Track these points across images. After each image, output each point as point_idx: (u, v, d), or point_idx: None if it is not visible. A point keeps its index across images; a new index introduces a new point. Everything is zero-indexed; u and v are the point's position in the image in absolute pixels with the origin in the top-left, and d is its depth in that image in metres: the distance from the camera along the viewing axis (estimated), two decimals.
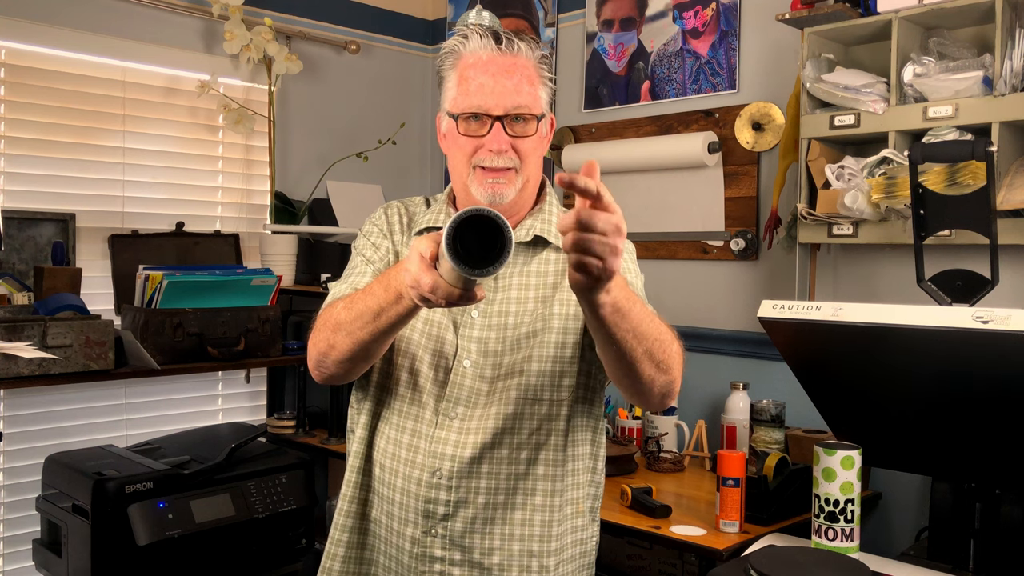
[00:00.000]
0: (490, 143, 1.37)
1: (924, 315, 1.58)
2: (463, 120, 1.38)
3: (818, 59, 2.24)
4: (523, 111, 1.38)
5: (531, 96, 1.38)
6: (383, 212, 1.58)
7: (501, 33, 1.40)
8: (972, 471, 1.71)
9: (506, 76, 1.37)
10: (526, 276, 1.47)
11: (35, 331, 2.21)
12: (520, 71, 1.38)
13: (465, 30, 1.41)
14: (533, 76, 1.40)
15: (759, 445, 2.31)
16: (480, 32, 1.40)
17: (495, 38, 1.39)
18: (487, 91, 1.36)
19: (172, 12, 2.83)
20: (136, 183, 2.79)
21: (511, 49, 1.39)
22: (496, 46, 1.39)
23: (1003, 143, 1.94)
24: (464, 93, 1.38)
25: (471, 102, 1.37)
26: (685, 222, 2.75)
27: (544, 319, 1.44)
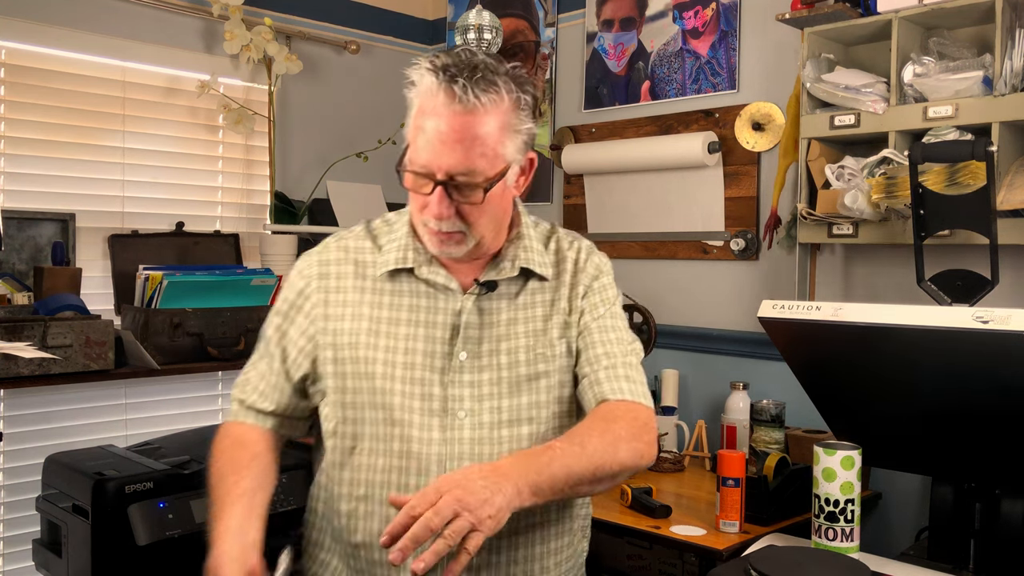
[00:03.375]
0: (431, 209, 1.25)
1: (924, 315, 1.58)
2: (410, 174, 1.26)
3: (818, 59, 2.24)
4: (470, 178, 1.23)
5: (487, 158, 1.22)
6: (314, 262, 1.41)
7: (464, 82, 1.20)
8: (972, 471, 1.71)
9: (457, 136, 1.20)
10: (514, 310, 1.37)
11: (35, 331, 2.21)
12: (478, 128, 1.21)
13: (429, 64, 1.23)
14: (497, 132, 1.23)
15: (759, 445, 2.31)
16: (441, 73, 1.21)
17: (455, 82, 1.20)
18: (434, 150, 1.22)
19: (172, 12, 2.83)
20: (136, 183, 2.79)
21: (471, 102, 1.20)
22: (453, 99, 1.20)
23: (1003, 143, 1.94)
24: (413, 146, 1.25)
25: (417, 158, 1.24)
26: (685, 222, 2.75)
27: (546, 360, 1.37)
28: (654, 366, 2.70)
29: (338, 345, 1.35)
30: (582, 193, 3.00)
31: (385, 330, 1.34)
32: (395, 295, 1.36)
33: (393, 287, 1.36)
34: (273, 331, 1.41)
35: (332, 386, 1.35)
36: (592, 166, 2.92)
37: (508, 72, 1.25)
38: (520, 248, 1.38)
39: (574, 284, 1.41)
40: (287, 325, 1.39)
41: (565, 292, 1.41)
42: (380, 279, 1.36)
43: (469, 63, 1.22)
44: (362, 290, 1.36)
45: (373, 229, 1.43)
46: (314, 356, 1.37)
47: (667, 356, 2.74)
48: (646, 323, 2.50)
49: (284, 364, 1.38)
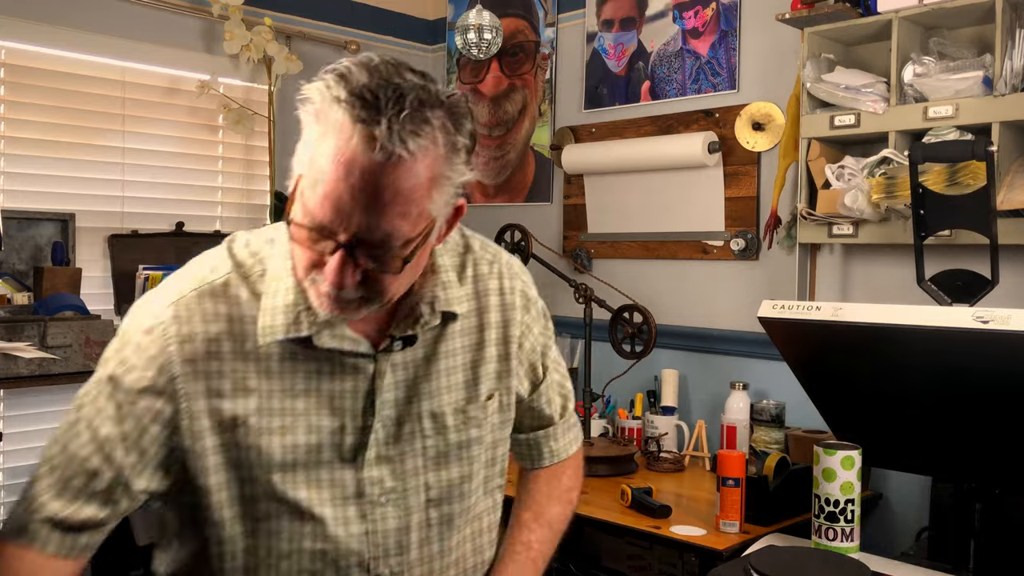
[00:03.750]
0: (329, 275, 0.95)
1: (924, 315, 1.58)
2: (300, 228, 0.96)
3: (818, 59, 2.24)
4: (386, 243, 0.94)
5: (410, 219, 0.93)
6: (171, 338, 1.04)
7: (388, 123, 0.89)
8: (972, 471, 1.71)
9: (373, 192, 0.90)
10: (436, 363, 1.14)
11: (35, 331, 2.21)
12: (402, 182, 0.91)
13: (339, 87, 0.93)
14: (425, 185, 0.93)
15: (759, 445, 2.31)
16: (356, 106, 0.90)
17: (376, 123, 0.89)
18: (339, 207, 0.91)
19: (172, 12, 2.83)
20: (136, 183, 2.79)
21: (395, 152, 0.89)
22: (371, 146, 0.89)
23: (1003, 143, 1.94)
24: (309, 191, 0.94)
25: (313, 210, 0.93)
26: (685, 222, 2.75)
27: (478, 423, 1.18)
28: (654, 366, 2.70)
29: (220, 436, 1.05)
30: (582, 193, 3.00)
31: (279, 408, 1.06)
32: (288, 362, 1.06)
33: (284, 351, 1.06)
34: (96, 448, 1.04)
35: (215, 484, 1.05)
36: (592, 166, 2.92)
37: (444, 103, 0.95)
38: (438, 287, 1.12)
39: (505, 323, 1.21)
40: (132, 431, 1.04)
41: (494, 335, 1.20)
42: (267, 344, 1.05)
43: (394, 90, 0.91)
44: (244, 360, 1.05)
45: (245, 270, 1.08)
46: (174, 463, 1.06)
47: (667, 356, 2.74)
48: (646, 323, 2.50)
49: (118, 480, 1.04)
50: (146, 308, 1.08)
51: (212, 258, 1.11)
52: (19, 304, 2.38)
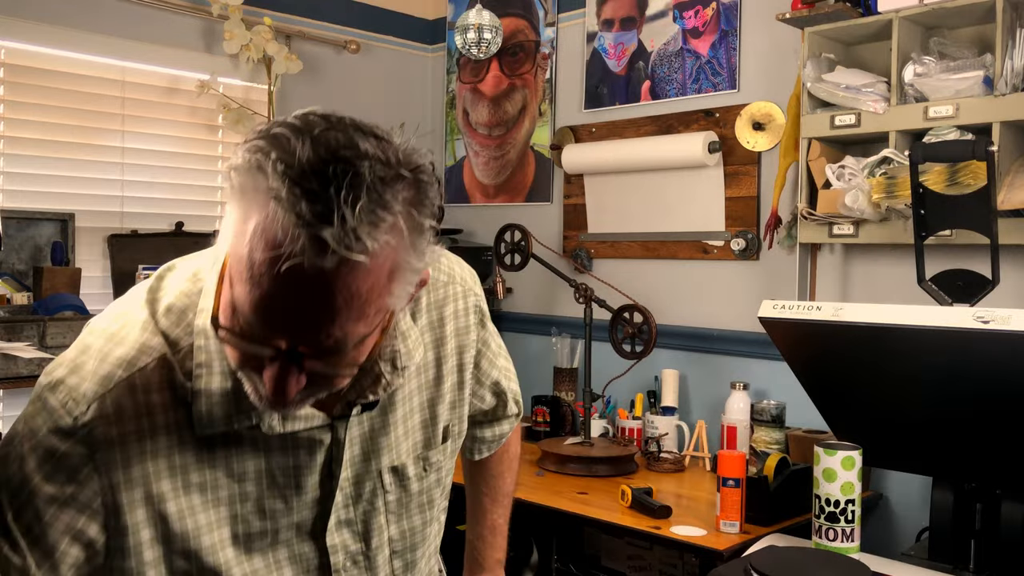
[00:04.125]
0: (268, 384, 0.81)
1: (925, 315, 1.58)
2: (232, 337, 0.80)
3: (818, 59, 2.24)
4: (338, 347, 0.79)
5: (366, 319, 0.79)
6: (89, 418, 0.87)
7: (340, 223, 0.72)
8: (972, 471, 1.71)
9: (323, 300, 0.75)
10: (393, 412, 1.03)
11: (34, 331, 2.21)
12: (358, 285, 0.76)
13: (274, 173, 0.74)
14: (384, 281, 0.78)
15: (759, 445, 2.31)
16: (300, 200, 0.73)
17: (325, 224, 0.72)
18: (281, 318, 0.77)
19: (172, 12, 2.83)
20: (135, 183, 2.78)
21: (349, 258, 0.73)
22: (321, 253, 0.73)
23: (1004, 143, 1.94)
24: (239, 293, 0.77)
25: (248, 319, 0.78)
26: (685, 222, 2.75)
27: (438, 468, 1.11)
28: (654, 366, 2.70)
29: (164, 544, 0.90)
30: (582, 193, 3.00)
31: (227, 496, 0.93)
32: (234, 446, 0.92)
33: (228, 434, 0.92)
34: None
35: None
36: (592, 166, 2.92)
37: (407, 176, 0.78)
38: (397, 339, 0.97)
39: (461, 349, 1.12)
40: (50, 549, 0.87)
41: (451, 363, 1.11)
42: None
43: (345, 168, 0.74)
44: (183, 451, 0.90)
45: (171, 338, 0.90)
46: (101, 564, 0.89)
47: (667, 356, 2.74)
48: (646, 323, 2.50)
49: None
50: (64, 397, 0.87)
51: (137, 329, 0.91)
52: (19, 304, 2.38)
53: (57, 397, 0.88)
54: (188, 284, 0.93)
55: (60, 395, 0.88)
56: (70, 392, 0.88)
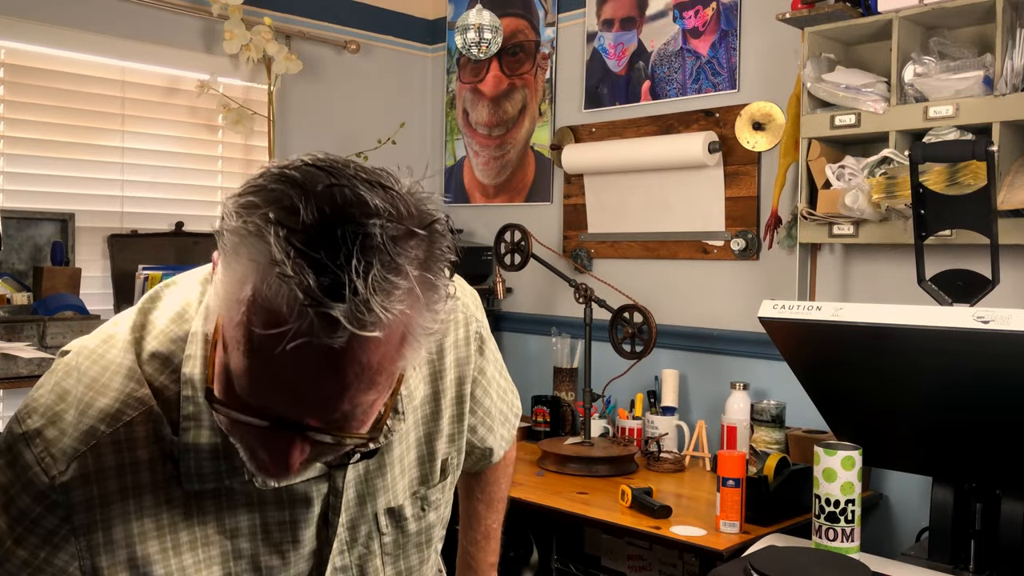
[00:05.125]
0: (271, 457, 0.76)
1: (925, 315, 1.58)
2: (235, 413, 0.74)
3: (818, 59, 2.24)
4: (347, 418, 0.75)
5: (378, 388, 0.74)
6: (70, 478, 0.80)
7: (352, 298, 0.66)
8: (972, 471, 1.71)
9: (333, 375, 0.70)
10: (391, 452, 0.98)
11: (34, 331, 2.21)
12: (369, 356, 0.70)
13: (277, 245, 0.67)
14: (396, 349, 0.72)
15: (759, 445, 2.31)
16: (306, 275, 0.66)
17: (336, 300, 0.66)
18: (287, 398, 0.72)
19: (172, 12, 2.83)
20: (135, 183, 2.79)
21: (360, 333, 0.67)
22: (331, 329, 0.67)
23: (1004, 143, 1.94)
24: (251, 377, 0.71)
25: (248, 396, 0.73)
26: (685, 222, 2.75)
27: (436, 506, 1.06)
28: (654, 366, 2.70)
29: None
30: (582, 193, 3.00)
31: (220, 553, 0.87)
32: (225, 499, 0.87)
33: (219, 488, 0.86)
34: None
35: None
36: (592, 166, 2.92)
37: (421, 232, 0.72)
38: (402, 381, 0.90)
39: (460, 380, 1.05)
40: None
41: (450, 396, 1.04)
42: None
43: (354, 231, 0.67)
44: (171, 509, 0.84)
45: (156, 386, 0.84)
46: None
47: (667, 356, 2.74)
48: (646, 323, 2.50)
49: None
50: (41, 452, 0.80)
51: (121, 376, 0.83)
52: (18, 304, 2.38)
53: (33, 451, 0.80)
54: (173, 326, 0.86)
55: (36, 449, 0.80)
56: (47, 447, 0.80)
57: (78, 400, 0.83)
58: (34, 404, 0.83)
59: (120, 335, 0.86)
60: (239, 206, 0.71)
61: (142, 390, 0.83)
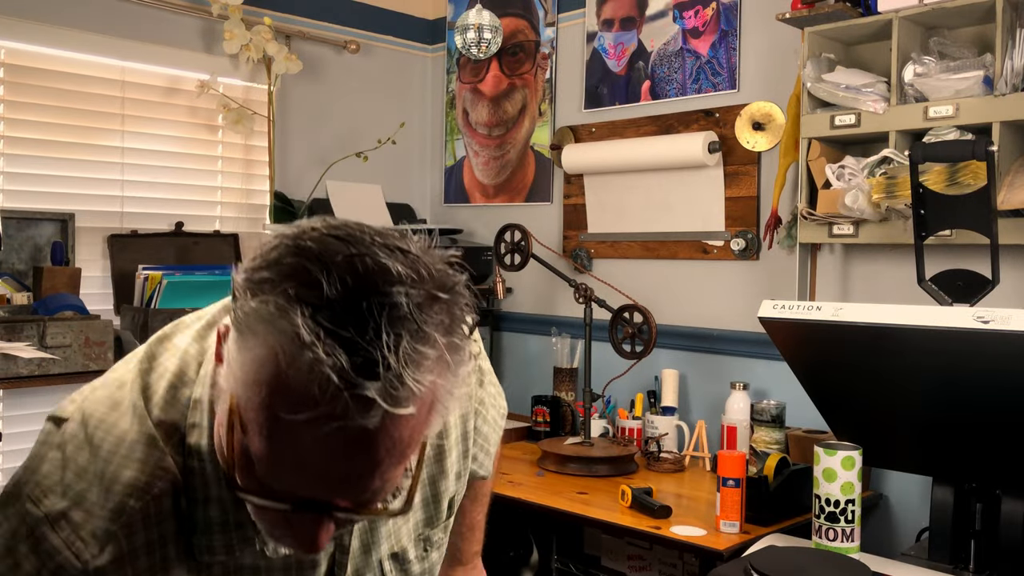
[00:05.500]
0: (298, 540, 0.74)
1: (925, 315, 1.58)
2: (259, 499, 0.72)
3: (818, 59, 2.24)
4: (373, 496, 0.73)
5: (406, 459, 0.72)
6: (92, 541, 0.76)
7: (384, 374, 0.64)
8: (972, 471, 1.71)
9: (364, 459, 0.68)
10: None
11: (34, 331, 2.20)
12: (400, 431, 0.68)
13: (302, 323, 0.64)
14: (424, 418, 0.71)
15: (759, 445, 2.31)
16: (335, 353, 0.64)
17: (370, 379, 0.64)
18: (317, 483, 0.69)
19: (172, 12, 2.83)
20: (135, 183, 2.78)
21: (392, 410, 0.66)
22: (364, 410, 0.65)
23: (1004, 143, 1.94)
24: (275, 461, 0.69)
25: (273, 481, 0.70)
26: (685, 222, 2.75)
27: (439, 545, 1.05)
28: (654, 366, 2.70)
29: None
30: (582, 193, 3.00)
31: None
32: (232, 568, 0.85)
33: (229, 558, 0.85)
34: None
35: None
36: (592, 166, 2.92)
37: (445, 298, 0.70)
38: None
39: (465, 417, 1.04)
40: None
41: (454, 434, 1.03)
42: None
43: (381, 303, 0.65)
44: (188, 571, 0.82)
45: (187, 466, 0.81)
46: None
47: (667, 356, 2.74)
48: (646, 323, 2.50)
49: None
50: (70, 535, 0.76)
51: (143, 444, 0.80)
52: (18, 304, 2.38)
53: (59, 535, 0.76)
54: (174, 391, 0.82)
55: (63, 533, 0.76)
56: (76, 530, 0.76)
57: (99, 475, 0.78)
58: (46, 482, 0.79)
59: (127, 401, 0.82)
60: (253, 283, 0.68)
61: (166, 460, 0.79)
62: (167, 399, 0.82)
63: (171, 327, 0.89)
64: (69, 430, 0.82)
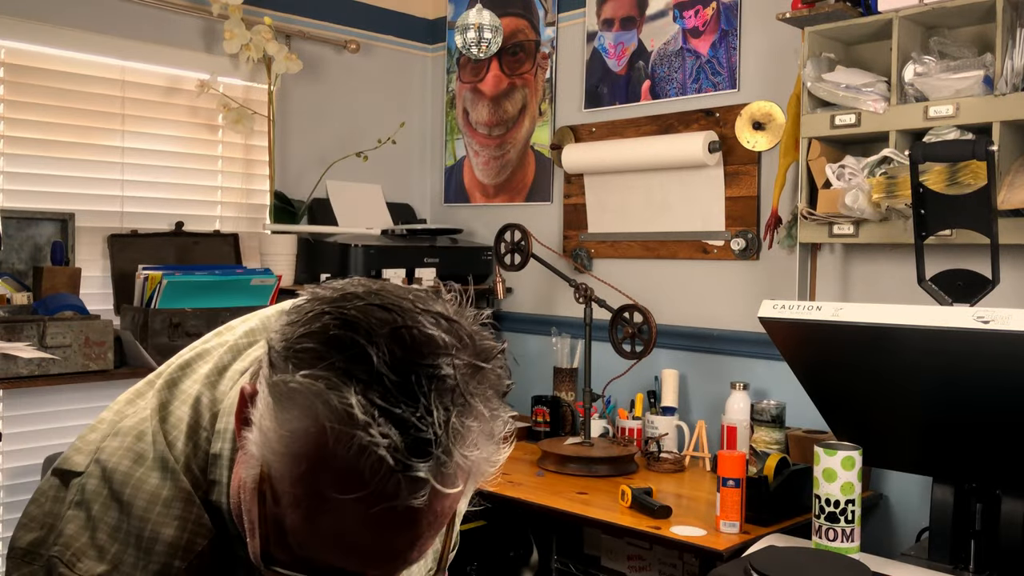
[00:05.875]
0: None
1: (925, 315, 1.58)
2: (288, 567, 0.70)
3: (819, 58, 2.24)
4: (411, 565, 0.72)
5: (444, 525, 0.72)
6: None
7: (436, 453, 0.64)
8: (972, 471, 1.71)
9: (409, 535, 0.68)
10: None
11: (34, 331, 2.20)
12: (443, 507, 0.69)
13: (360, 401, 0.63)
14: (465, 488, 0.70)
15: (759, 445, 2.31)
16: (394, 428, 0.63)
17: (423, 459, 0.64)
18: (364, 560, 0.68)
19: (172, 12, 2.82)
20: (135, 183, 2.78)
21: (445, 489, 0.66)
22: (414, 488, 0.64)
23: (1004, 142, 1.94)
24: (304, 532, 0.68)
25: (315, 558, 0.69)
26: (685, 222, 2.75)
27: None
28: (654, 366, 2.70)
29: None
30: (582, 193, 3.00)
31: None
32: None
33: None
34: None
35: None
36: (592, 166, 2.92)
37: (484, 368, 0.70)
38: None
39: None
40: None
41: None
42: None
43: (429, 375, 0.65)
44: None
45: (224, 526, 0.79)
46: None
47: (667, 356, 2.74)
48: (646, 323, 2.50)
49: None
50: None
51: (180, 501, 0.77)
52: (18, 304, 2.38)
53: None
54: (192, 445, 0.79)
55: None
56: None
57: (135, 535, 0.75)
58: (75, 544, 0.75)
59: (152, 454, 0.79)
60: (296, 352, 0.66)
61: (204, 516, 0.76)
62: (188, 454, 0.79)
63: (176, 371, 0.86)
64: (90, 487, 0.78)
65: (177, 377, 0.85)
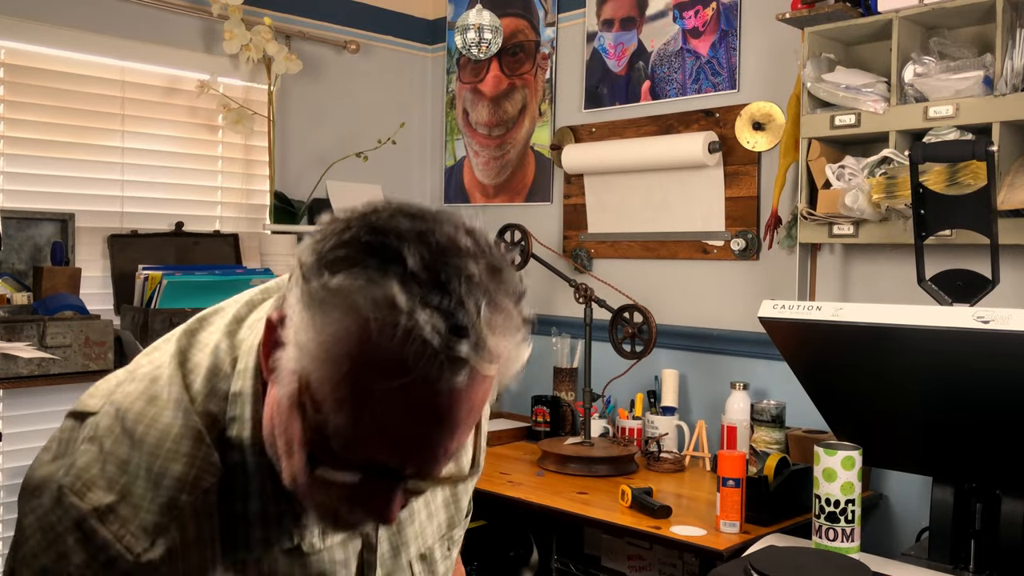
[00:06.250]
0: (372, 511, 0.75)
1: (925, 315, 1.58)
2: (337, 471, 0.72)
3: (819, 59, 2.24)
4: (445, 460, 0.74)
5: (475, 424, 0.75)
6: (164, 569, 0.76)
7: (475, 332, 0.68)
8: (972, 471, 1.71)
9: (452, 422, 0.71)
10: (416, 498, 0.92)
11: (34, 331, 2.21)
12: (479, 396, 0.72)
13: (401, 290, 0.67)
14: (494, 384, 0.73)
15: (759, 445, 2.31)
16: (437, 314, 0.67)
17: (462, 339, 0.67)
18: (409, 450, 0.71)
19: (171, 12, 2.83)
20: (135, 183, 2.78)
21: (483, 370, 0.70)
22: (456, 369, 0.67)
23: (1004, 143, 1.94)
24: (348, 428, 0.69)
25: (360, 453, 0.71)
26: (685, 222, 2.75)
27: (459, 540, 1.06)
28: (654, 366, 2.70)
29: None
30: (582, 193, 3.00)
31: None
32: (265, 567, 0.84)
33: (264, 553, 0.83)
34: None
35: None
36: (592, 166, 2.92)
37: (502, 267, 0.74)
38: None
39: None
40: None
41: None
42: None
43: (458, 270, 0.69)
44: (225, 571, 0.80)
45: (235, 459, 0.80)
46: None
47: (667, 356, 2.74)
48: (646, 323, 2.50)
49: None
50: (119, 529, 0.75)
51: (190, 438, 0.79)
52: (18, 304, 2.38)
53: (109, 528, 0.75)
54: (211, 386, 0.81)
55: (113, 526, 0.75)
56: (124, 524, 0.75)
57: (145, 468, 0.77)
58: (86, 475, 0.77)
59: (166, 394, 0.81)
60: (330, 261, 0.69)
61: (215, 455, 0.78)
62: (205, 394, 0.81)
63: (195, 323, 0.88)
64: (103, 424, 0.80)
65: (196, 327, 0.87)
